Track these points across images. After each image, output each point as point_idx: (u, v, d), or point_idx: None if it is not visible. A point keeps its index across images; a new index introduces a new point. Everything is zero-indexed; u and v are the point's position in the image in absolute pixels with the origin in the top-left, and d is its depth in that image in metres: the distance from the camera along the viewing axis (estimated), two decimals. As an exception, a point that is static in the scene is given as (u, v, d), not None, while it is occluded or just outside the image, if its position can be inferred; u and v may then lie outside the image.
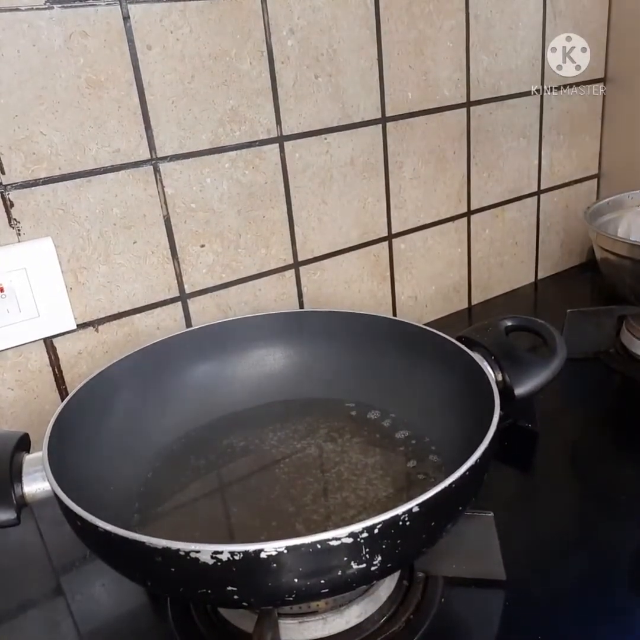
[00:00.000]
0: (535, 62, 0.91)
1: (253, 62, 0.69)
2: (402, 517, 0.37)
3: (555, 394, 0.72)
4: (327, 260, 0.81)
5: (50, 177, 0.61)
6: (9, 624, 0.52)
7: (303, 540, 0.36)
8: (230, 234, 0.73)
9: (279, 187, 0.75)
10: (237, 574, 0.36)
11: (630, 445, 0.66)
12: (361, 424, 0.61)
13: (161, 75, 0.64)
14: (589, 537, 0.54)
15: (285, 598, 0.39)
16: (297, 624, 0.45)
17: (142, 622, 0.50)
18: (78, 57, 0.60)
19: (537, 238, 1.02)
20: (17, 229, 0.61)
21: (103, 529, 0.38)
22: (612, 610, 0.48)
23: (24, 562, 0.58)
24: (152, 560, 0.37)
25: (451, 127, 0.86)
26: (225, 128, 0.69)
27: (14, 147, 0.59)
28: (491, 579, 0.49)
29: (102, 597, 0.53)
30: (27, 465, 0.46)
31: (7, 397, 0.65)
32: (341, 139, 0.77)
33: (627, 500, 0.58)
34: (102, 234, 0.65)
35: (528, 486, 0.62)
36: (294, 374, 0.66)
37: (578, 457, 0.66)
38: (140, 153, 0.65)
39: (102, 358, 0.68)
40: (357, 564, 0.37)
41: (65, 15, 0.58)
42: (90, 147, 0.62)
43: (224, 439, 0.60)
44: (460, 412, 0.53)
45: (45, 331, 0.64)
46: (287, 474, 0.55)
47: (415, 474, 0.54)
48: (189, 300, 0.72)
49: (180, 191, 0.68)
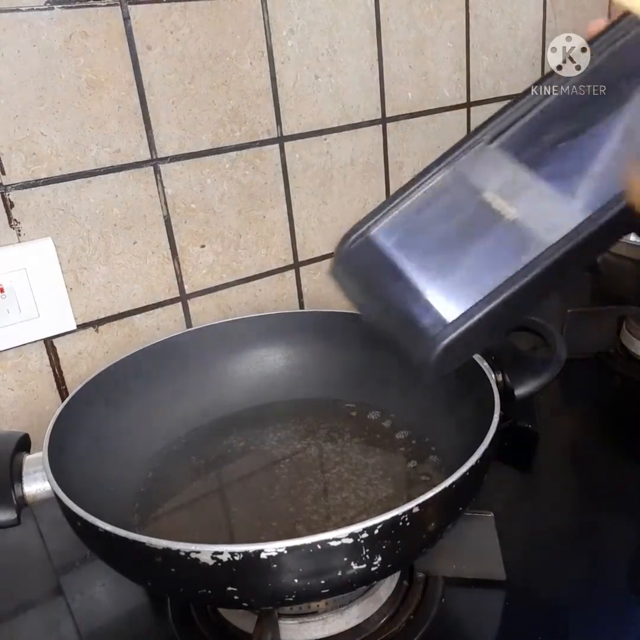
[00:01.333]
0: (535, 62, 0.91)
1: (253, 63, 0.69)
2: (402, 518, 0.37)
3: (555, 394, 0.72)
4: (327, 260, 0.81)
5: (50, 178, 0.61)
6: (9, 624, 0.52)
7: (303, 541, 0.36)
8: (231, 234, 0.73)
9: (279, 187, 0.75)
10: (237, 575, 0.36)
11: (630, 445, 0.66)
12: (361, 424, 0.61)
13: (161, 75, 0.64)
14: (589, 537, 0.54)
15: (285, 598, 0.39)
16: (297, 625, 0.45)
17: (142, 622, 0.50)
18: (78, 58, 0.60)
19: (537, 238, 1.02)
20: (17, 230, 0.61)
21: (103, 530, 0.38)
22: (612, 610, 0.48)
23: (24, 562, 0.58)
24: (152, 561, 0.37)
25: (451, 128, 0.86)
26: (226, 128, 0.69)
27: (14, 147, 0.59)
28: (491, 579, 0.49)
29: (102, 597, 0.53)
30: (28, 465, 0.46)
31: (7, 398, 0.65)
32: (341, 140, 0.77)
33: (627, 500, 0.58)
34: (103, 234, 0.65)
35: (528, 486, 0.62)
36: (294, 374, 0.66)
37: (578, 457, 0.66)
38: (140, 153, 0.65)
39: (102, 358, 0.68)
40: (357, 565, 0.37)
41: (65, 16, 0.58)
42: (90, 148, 0.62)
43: (224, 439, 0.60)
44: (460, 412, 0.53)
45: (45, 331, 0.64)
46: (287, 474, 0.55)
47: (415, 475, 0.54)
48: (189, 300, 0.73)
49: (180, 191, 0.68)
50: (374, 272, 0.38)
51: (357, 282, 0.39)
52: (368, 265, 0.38)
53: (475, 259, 0.35)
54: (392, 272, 0.36)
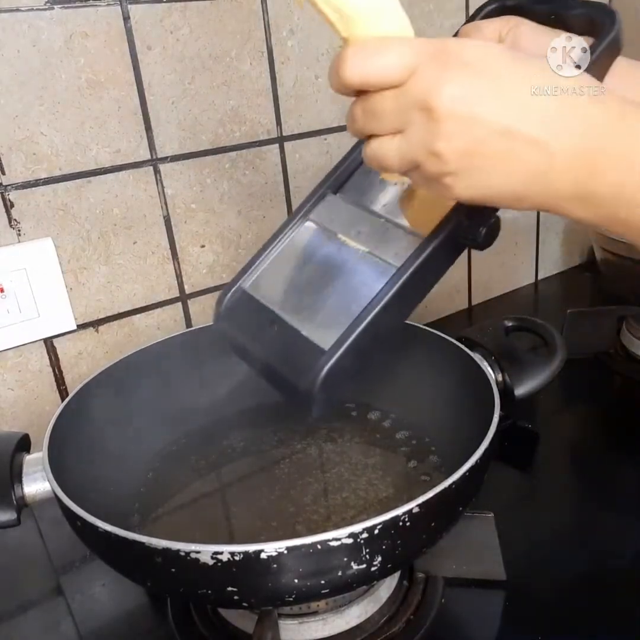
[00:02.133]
0: (536, 62, 0.91)
1: (253, 63, 0.69)
2: (402, 518, 0.37)
3: (555, 394, 0.72)
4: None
5: (50, 178, 0.61)
6: (9, 624, 0.52)
7: (303, 541, 0.36)
8: (231, 234, 0.73)
9: (279, 187, 0.75)
10: (237, 575, 0.36)
11: (630, 445, 0.66)
12: (361, 424, 0.61)
13: (161, 75, 0.64)
14: (589, 537, 0.54)
15: (285, 598, 0.39)
16: (297, 625, 0.45)
17: (142, 622, 0.51)
18: (78, 58, 0.60)
19: (537, 238, 1.02)
20: (17, 229, 0.61)
21: (103, 530, 0.38)
22: (612, 610, 0.48)
23: (24, 562, 0.58)
24: (152, 561, 0.37)
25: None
26: (226, 128, 0.69)
27: (14, 147, 0.59)
28: (491, 579, 0.49)
29: (102, 597, 0.53)
30: (28, 465, 0.46)
31: (7, 398, 0.65)
32: (341, 140, 0.77)
33: (627, 500, 0.58)
34: (103, 234, 0.65)
35: (528, 486, 0.62)
36: (294, 374, 0.66)
37: (578, 457, 0.66)
38: (140, 153, 0.65)
39: (102, 358, 0.68)
40: (357, 565, 0.37)
41: (65, 16, 0.58)
42: (90, 148, 0.62)
43: (224, 439, 0.60)
44: (460, 412, 0.53)
45: (45, 331, 0.64)
46: (287, 475, 0.55)
47: (415, 474, 0.54)
48: (189, 300, 0.72)
49: (180, 191, 0.68)
50: (253, 321, 0.42)
51: (240, 334, 0.43)
52: (247, 316, 0.42)
53: (340, 290, 0.40)
54: (269, 318, 0.41)
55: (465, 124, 0.31)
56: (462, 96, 0.31)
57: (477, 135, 0.31)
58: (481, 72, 0.32)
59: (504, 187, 0.33)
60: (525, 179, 0.32)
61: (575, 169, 0.32)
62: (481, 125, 0.31)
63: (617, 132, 0.32)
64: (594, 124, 0.32)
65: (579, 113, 0.32)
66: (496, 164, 0.32)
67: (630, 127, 0.32)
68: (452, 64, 0.31)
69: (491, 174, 0.32)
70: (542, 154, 0.32)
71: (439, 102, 0.31)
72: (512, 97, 0.32)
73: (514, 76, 0.32)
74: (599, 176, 0.32)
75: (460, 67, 0.31)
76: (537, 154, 0.32)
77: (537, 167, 0.32)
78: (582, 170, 0.32)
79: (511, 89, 0.32)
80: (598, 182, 0.32)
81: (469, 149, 0.32)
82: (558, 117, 0.32)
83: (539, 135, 0.31)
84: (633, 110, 0.33)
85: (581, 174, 0.32)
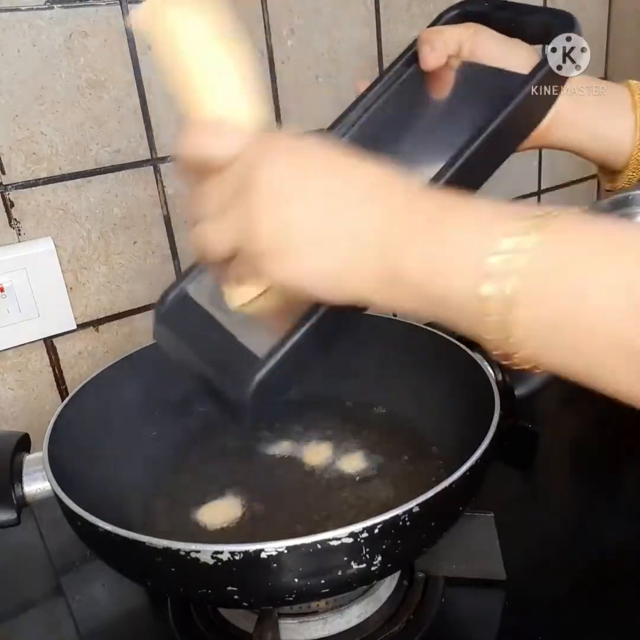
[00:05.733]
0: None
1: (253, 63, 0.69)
2: (402, 517, 0.37)
3: (555, 394, 0.72)
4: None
5: (50, 177, 0.61)
6: (9, 624, 0.52)
7: (303, 541, 0.36)
8: (231, 234, 0.73)
9: (279, 187, 0.75)
10: (237, 574, 0.36)
11: (630, 445, 0.66)
12: (361, 424, 0.60)
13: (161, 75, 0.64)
14: (589, 537, 0.54)
15: (285, 598, 0.39)
16: (297, 624, 0.45)
17: (142, 622, 0.51)
18: (78, 57, 0.60)
19: (537, 238, 1.02)
20: (17, 229, 0.61)
21: (103, 529, 0.38)
22: (612, 611, 0.48)
23: (24, 562, 0.58)
24: (152, 560, 0.37)
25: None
26: (226, 128, 0.69)
27: (14, 147, 0.59)
28: (491, 579, 0.49)
29: (102, 597, 0.53)
30: (28, 465, 0.46)
31: (7, 397, 0.65)
32: (341, 139, 0.77)
33: (627, 500, 0.58)
34: (103, 234, 0.65)
35: (528, 486, 0.62)
36: (294, 374, 0.66)
37: (578, 457, 0.66)
38: (140, 153, 0.65)
39: (102, 358, 0.68)
40: (357, 564, 0.37)
41: (65, 15, 0.58)
42: (90, 147, 0.62)
43: (224, 439, 0.60)
44: (460, 412, 0.53)
45: (45, 331, 0.64)
46: (287, 474, 0.55)
47: (415, 474, 0.54)
48: (189, 300, 0.72)
49: (180, 191, 0.68)
50: (192, 325, 0.41)
51: (178, 337, 0.41)
52: (186, 319, 0.41)
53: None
54: (208, 323, 0.40)
55: (278, 203, 0.31)
56: (279, 177, 0.31)
57: (289, 216, 0.31)
58: (301, 157, 0.32)
59: (316, 269, 0.32)
60: (334, 261, 0.32)
61: (382, 253, 0.31)
62: (294, 206, 0.31)
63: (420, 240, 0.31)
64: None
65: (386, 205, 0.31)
66: (306, 246, 0.32)
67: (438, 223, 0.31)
68: (274, 148, 0.32)
69: (302, 256, 0.32)
70: (351, 242, 0.31)
71: (256, 181, 0.31)
72: (326, 185, 0.32)
73: (330, 170, 0.32)
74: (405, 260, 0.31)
75: (282, 151, 0.32)
76: (345, 241, 0.31)
77: (349, 254, 0.31)
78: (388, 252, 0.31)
79: (325, 178, 0.32)
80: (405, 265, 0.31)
81: (280, 228, 0.31)
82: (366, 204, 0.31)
83: (346, 226, 0.31)
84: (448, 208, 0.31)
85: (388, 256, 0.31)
